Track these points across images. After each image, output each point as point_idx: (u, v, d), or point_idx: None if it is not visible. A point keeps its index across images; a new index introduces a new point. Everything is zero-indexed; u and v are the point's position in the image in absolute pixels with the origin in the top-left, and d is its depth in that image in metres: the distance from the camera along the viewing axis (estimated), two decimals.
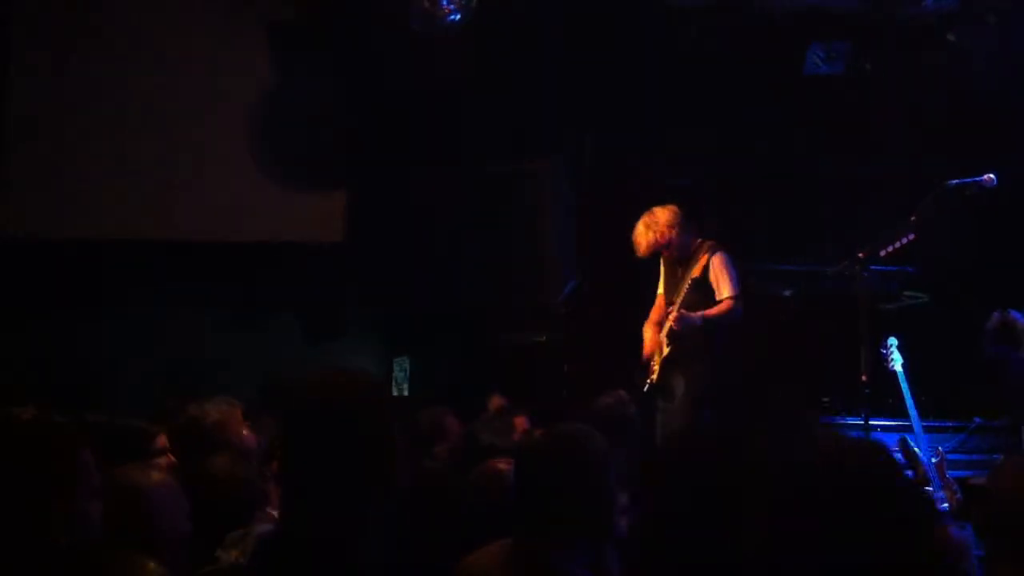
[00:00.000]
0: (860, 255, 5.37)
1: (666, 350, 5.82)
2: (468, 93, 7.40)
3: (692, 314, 5.70)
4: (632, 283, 6.37)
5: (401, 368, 7.97)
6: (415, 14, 6.50)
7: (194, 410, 3.56)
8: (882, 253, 5.33)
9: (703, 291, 5.78)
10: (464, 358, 7.66)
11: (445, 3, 6.39)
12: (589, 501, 2.63)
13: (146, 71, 7.34)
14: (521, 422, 5.33)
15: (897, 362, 6.25)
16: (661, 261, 6.04)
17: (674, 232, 5.80)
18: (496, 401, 6.11)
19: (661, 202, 5.99)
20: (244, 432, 3.66)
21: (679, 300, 5.79)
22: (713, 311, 5.73)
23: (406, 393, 7.82)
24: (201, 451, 3.32)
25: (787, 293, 7.57)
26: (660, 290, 6.09)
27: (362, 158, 7.66)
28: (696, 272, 5.78)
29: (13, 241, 7.07)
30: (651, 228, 5.84)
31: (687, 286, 5.78)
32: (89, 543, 2.10)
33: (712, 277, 5.76)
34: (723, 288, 5.74)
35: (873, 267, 5.45)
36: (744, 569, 2.09)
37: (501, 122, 7.44)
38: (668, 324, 5.75)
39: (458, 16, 6.36)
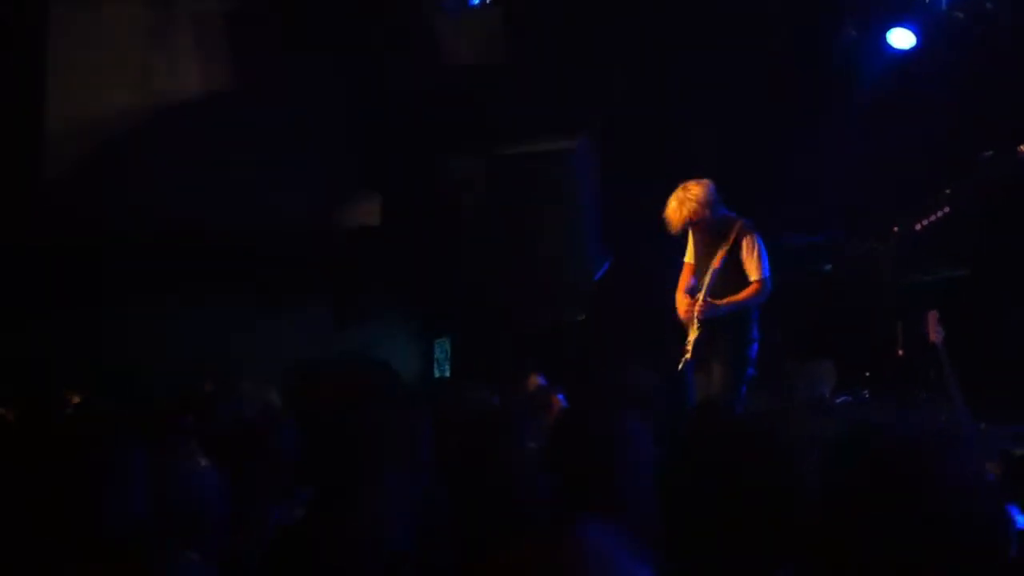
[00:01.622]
0: (895, 229, 5.32)
1: (695, 332, 5.79)
2: (495, 74, 7.39)
3: (717, 302, 5.69)
4: (663, 260, 6.34)
5: (442, 349, 8.03)
6: None
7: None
8: (917, 227, 5.27)
9: (733, 269, 5.74)
10: (503, 338, 7.68)
11: None
12: (622, 479, 2.65)
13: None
14: (556, 401, 5.34)
15: (938, 335, 6.19)
16: (691, 232, 5.99)
17: (707, 209, 5.74)
18: (533, 380, 6.12)
19: (693, 176, 5.92)
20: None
21: (707, 279, 5.76)
22: (740, 296, 5.68)
23: (447, 374, 7.86)
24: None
25: (827, 268, 7.52)
26: (688, 258, 6.03)
27: (393, 144, 7.69)
28: (725, 250, 5.74)
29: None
30: (684, 204, 5.76)
31: (717, 264, 5.74)
32: (136, 535, 2.09)
33: (743, 256, 5.71)
34: (752, 270, 5.68)
35: (908, 240, 5.40)
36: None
37: (527, 103, 7.42)
38: (696, 309, 5.73)
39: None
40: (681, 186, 5.80)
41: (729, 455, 2.28)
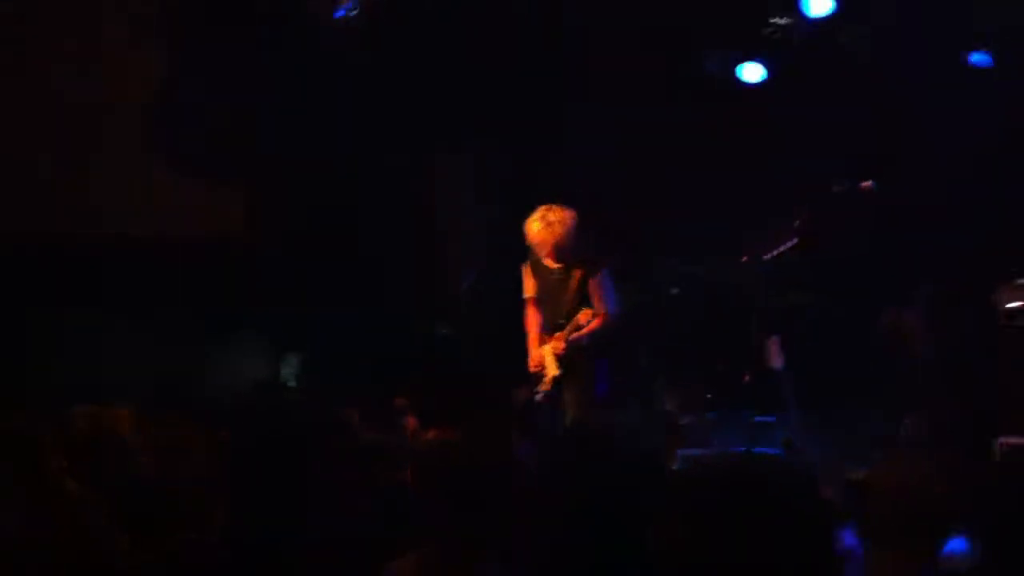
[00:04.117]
0: (744, 258, 5.49)
1: (555, 371, 5.90)
2: (371, 86, 7.32)
3: (575, 337, 5.82)
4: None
5: (289, 366, 7.82)
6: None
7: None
8: (766, 257, 5.45)
9: (584, 302, 5.87)
10: (361, 353, 7.56)
11: None
12: (485, 505, 2.62)
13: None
14: (412, 422, 5.31)
15: (779, 360, 6.43)
16: (529, 265, 6.04)
17: (567, 238, 5.80)
18: (399, 402, 6.07)
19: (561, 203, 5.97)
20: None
21: (564, 313, 5.88)
22: (594, 328, 5.83)
23: (295, 390, 7.67)
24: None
25: (674, 292, 7.71)
26: (529, 293, 6.08)
27: (259, 152, 7.52)
28: (575, 283, 5.86)
29: None
30: (553, 227, 5.81)
31: (570, 297, 5.86)
32: None
33: (592, 292, 5.85)
34: (601, 304, 5.84)
35: (759, 268, 5.57)
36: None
37: (403, 117, 7.38)
38: (552, 351, 5.85)
39: (349, 8, 6.32)
40: (545, 207, 5.83)
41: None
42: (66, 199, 7.26)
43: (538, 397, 5.87)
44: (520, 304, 6.12)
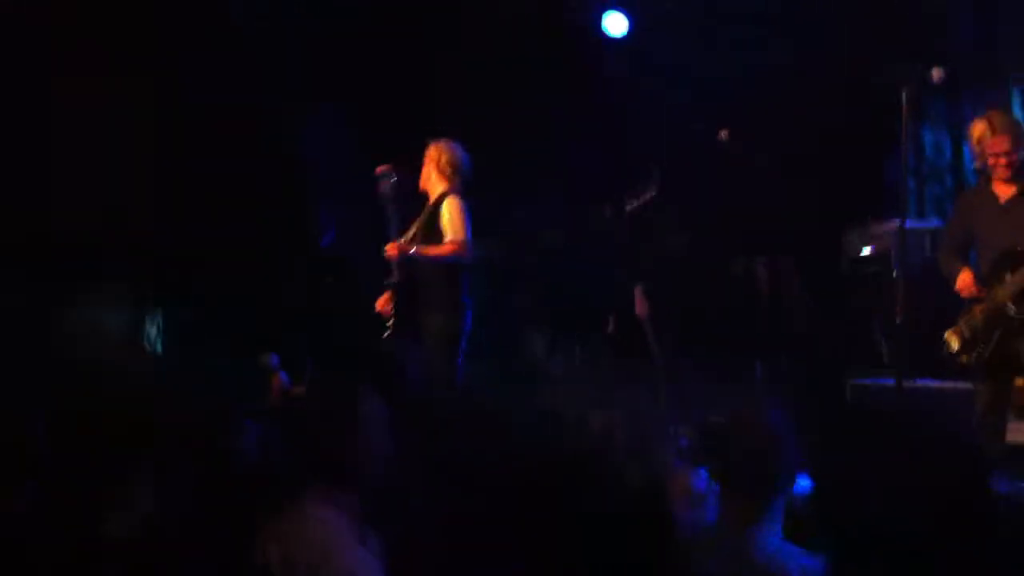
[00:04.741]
0: (607, 210, 5.58)
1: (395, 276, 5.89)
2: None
3: (408, 248, 5.79)
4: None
5: (153, 323, 7.61)
6: None
7: None
8: (627, 208, 5.56)
9: (433, 231, 5.85)
10: (224, 310, 7.40)
11: None
12: (348, 454, 2.63)
13: None
14: (276, 380, 5.27)
15: (642, 308, 6.57)
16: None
17: (439, 163, 5.84)
18: (263, 360, 6.01)
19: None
20: None
21: (409, 234, 5.86)
22: (434, 251, 5.78)
23: (159, 350, 7.48)
24: None
25: (547, 240, 7.79)
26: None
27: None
28: (429, 208, 5.86)
29: None
30: (442, 144, 5.87)
31: (422, 222, 5.87)
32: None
33: (443, 221, 5.81)
34: (448, 231, 5.80)
35: (622, 218, 5.66)
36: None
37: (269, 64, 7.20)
38: (391, 251, 5.83)
39: None
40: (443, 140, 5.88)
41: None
42: None
43: (386, 335, 5.85)
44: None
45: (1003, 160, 4.77)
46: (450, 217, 5.73)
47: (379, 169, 5.84)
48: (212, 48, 7.28)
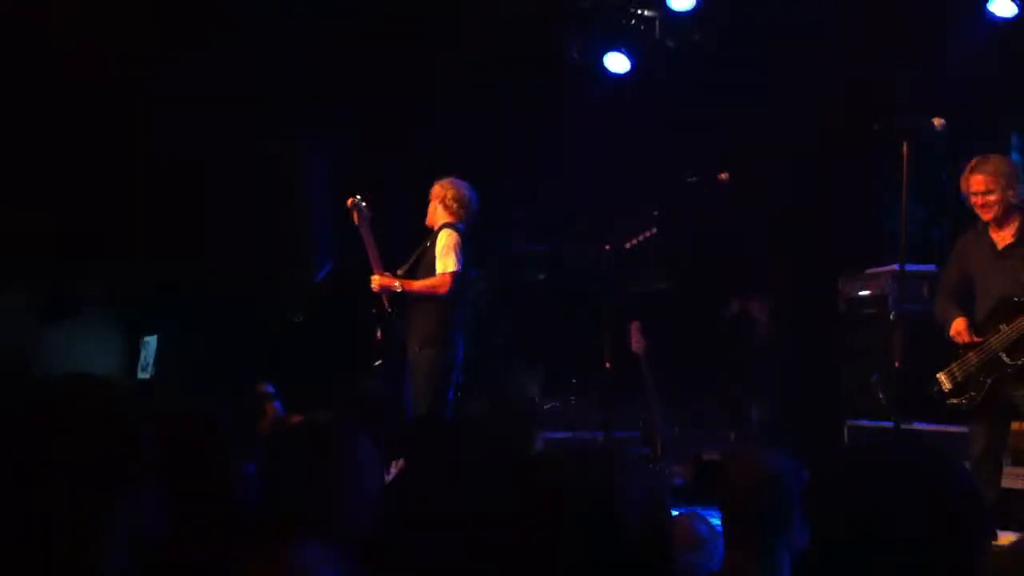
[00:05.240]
0: (606, 247, 5.60)
1: (387, 308, 5.90)
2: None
3: (392, 279, 5.79)
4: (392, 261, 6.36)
5: (149, 349, 7.60)
6: None
7: None
8: (627, 245, 5.57)
9: (427, 264, 5.87)
10: (218, 338, 7.40)
11: None
12: (339, 495, 2.61)
13: None
14: (272, 410, 5.24)
15: (638, 344, 6.59)
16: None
17: (446, 199, 5.87)
18: (260, 388, 5.98)
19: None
20: None
21: (405, 266, 5.89)
22: (416, 284, 5.80)
23: (151, 376, 7.46)
24: None
25: (541, 277, 7.80)
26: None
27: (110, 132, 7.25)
28: (427, 243, 5.89)
29: None
30: (448, 182, 5.90)
31: (417, 254, 5.89)
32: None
33: (435, 251, 5.82)
34: (439, 264, 5.81)
35: (619, 254, 5.68)
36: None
37: (253, 99, 7.22)
38: (378, 283, 5.85)
39: None
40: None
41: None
42: None
43: (376, 364, 5.86)
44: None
45: (979, 200, 4.78)
46: (443, 248, 5.74)
47: (349, 201, 5.86)
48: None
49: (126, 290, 7.51)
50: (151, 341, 7.59)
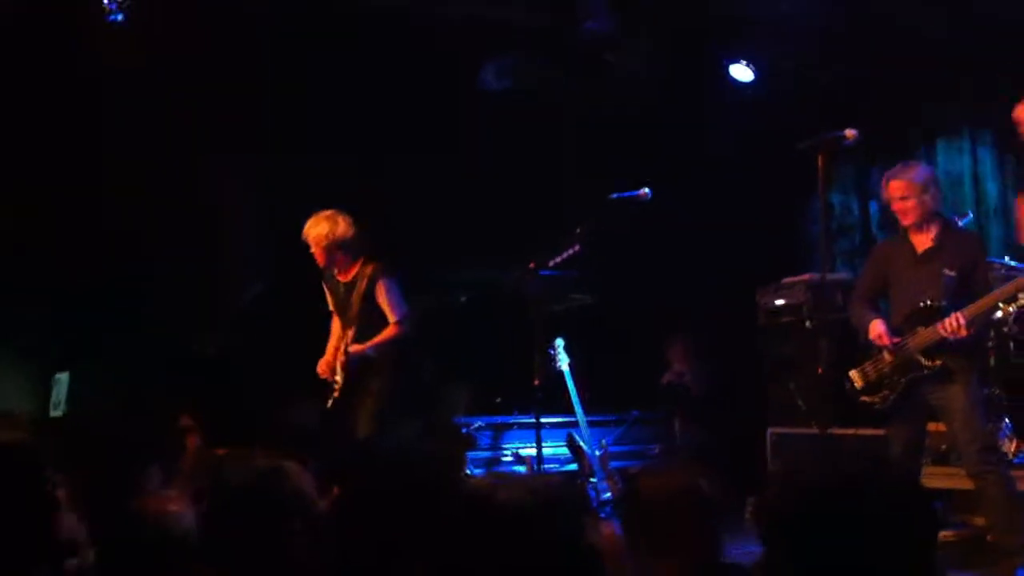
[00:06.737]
0: (531, 265, 5.62)
1: (339, 380, 5.91)
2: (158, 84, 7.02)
3: (359, 350, 5.81)
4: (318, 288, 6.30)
5: (59, 386, 7.37)
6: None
7: None
8: (551, 263, 5.60)
9: (373, 311, 5.90)
10: (135, 370, 7.22)
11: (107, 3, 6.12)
12: (274, 528, 2.55)
13: None
14: (192, 441, 5.17)
15: (564, 362, 6.63)
16: (323, 281, 6.11)
17: (348, 237, 5.87)
18: (185, 420, 5.88)
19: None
20: None
21: (353, 326, 5.89)
22: (382, 339, 5.87)
23: (64, 413, 7.24)
24: None
25: (463, 299, 7.80)
26: (330, 307, 6.17)
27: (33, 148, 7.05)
28: (361, 291, 5.90)
29: None
30: (328, 220, 5.88)
31: (357, 309, 5.89)
32: None
33: (380, 301, 5.88)
34: (391, 313, 5.89)
35: (543, 272, 5.71)
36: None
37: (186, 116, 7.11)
38: (339, 362, 5.87)
39: (119, 16, 6.11)
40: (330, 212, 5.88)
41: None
42: None
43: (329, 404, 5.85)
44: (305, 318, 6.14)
45: (897, 205, 4.91)
46: (386, 295, 5.83)
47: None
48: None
49: (36, 326, 7.30)
50: (63, 378, 7.37)
